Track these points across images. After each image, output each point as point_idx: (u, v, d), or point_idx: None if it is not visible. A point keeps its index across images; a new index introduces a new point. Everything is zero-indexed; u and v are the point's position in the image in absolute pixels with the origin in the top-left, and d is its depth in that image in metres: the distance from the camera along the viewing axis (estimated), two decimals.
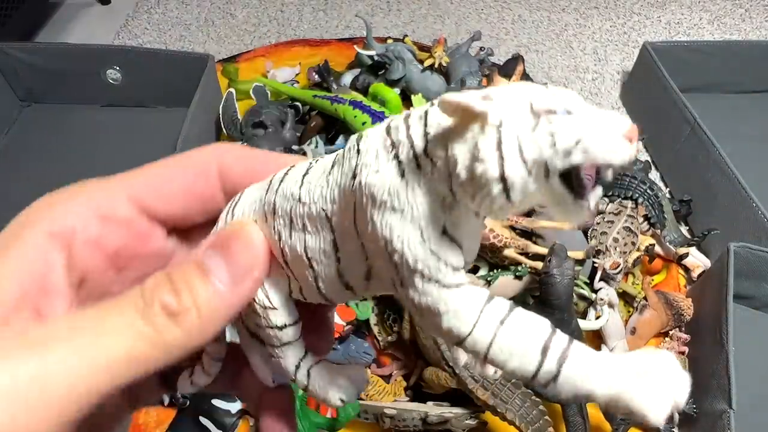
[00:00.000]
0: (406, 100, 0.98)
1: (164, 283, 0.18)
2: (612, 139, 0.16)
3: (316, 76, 1.06)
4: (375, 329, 0.80)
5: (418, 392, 0.74)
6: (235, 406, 0.72)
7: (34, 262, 0.19)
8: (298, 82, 1.16)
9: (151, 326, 0.17)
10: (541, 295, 0.65)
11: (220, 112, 0.99)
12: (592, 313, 0.77)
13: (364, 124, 0.89)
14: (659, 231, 0.88)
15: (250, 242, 0.21)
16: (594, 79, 1.29)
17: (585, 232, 0.84)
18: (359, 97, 0.93)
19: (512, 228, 0.75)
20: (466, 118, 0.16)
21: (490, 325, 0.17)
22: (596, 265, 0.79)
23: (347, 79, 1.06)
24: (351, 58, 1.19)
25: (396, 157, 0.18)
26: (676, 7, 1.51)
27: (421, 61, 0.99)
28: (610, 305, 0.76)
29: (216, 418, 0.71)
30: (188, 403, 0.73)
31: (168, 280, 0.18)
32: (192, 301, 0.18)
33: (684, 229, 0.98)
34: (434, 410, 0.66)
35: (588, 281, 0.79)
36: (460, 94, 0.16)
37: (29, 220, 0.20)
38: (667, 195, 1.04)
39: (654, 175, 1.09)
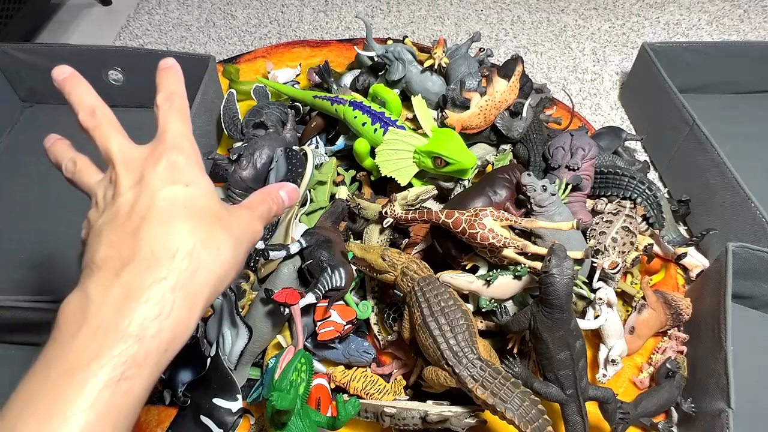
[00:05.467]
0: (406, 101, 0.98)
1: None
2: None
3: (317, 77, 1.06)
4: (375, 328, 0.81)
5: (417, 391, 0.75)
6: (235, 405, 0.72)
7: None
8: (298, 83, 1.17)
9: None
10: (540, 295, 0.65)
11: (221, 112, 0.99)
12: (590, 312, 0.78)
13: (364, 124, 0.90)
14: (658, 231, 0.88)
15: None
16: (593, 80, 1.30)
17: (584, 232, 0.84)
18: (359, 97, 0.94)
19: (511, 228, 0.75)
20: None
21: None
22: (595, 264, 0.79)
23: (347, 79, 1.07)
24: (351, 59, 1.19)
25: None
26: (674, 8, 1.51)
27: (421, 62, 0.99)
28: (609, 305, 0.76)
29: (217, 416, 0.72)
30: (189, 401, 0.73)
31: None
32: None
33: (682, 229, 0.99)
34: (434, 409, 0.66)
35: (587, 281, 0.79)
36: None
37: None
38: (666, 195, 1.05)
39: (653, 175, 1.09)
